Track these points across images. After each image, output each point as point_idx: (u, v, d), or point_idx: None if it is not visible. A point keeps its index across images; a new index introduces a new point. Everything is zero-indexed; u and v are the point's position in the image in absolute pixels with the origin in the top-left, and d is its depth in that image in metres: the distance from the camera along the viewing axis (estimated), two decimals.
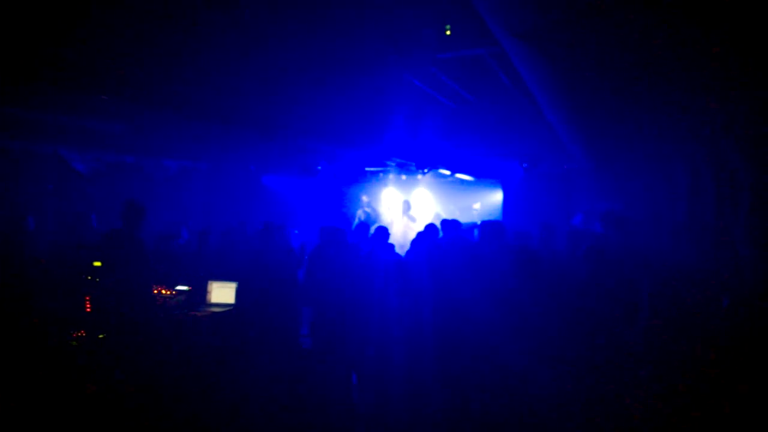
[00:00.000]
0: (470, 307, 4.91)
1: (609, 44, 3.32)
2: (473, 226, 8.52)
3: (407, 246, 6.72)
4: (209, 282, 5.97)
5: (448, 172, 11.79)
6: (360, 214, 12.20)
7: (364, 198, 13.18)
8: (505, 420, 4.68)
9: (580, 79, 4.15)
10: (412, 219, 10.93)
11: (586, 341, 4.44)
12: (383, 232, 6.17)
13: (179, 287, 5.81)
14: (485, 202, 14.26)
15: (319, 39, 4.96)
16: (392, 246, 6.16)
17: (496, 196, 13.04)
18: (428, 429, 4.91)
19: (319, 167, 11.46)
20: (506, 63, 5.03)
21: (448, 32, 4.72)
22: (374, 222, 10.48)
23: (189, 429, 4.63)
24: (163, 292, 5.68)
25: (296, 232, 10.15)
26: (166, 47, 4.83)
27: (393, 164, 11.17)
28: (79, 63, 4.63)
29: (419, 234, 6.63)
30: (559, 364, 4.46)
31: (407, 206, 11.27)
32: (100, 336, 4.89)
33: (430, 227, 6.54)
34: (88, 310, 5.09)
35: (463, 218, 10.49)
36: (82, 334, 4.93)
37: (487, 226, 6.06)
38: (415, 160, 9.73)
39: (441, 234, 6.68)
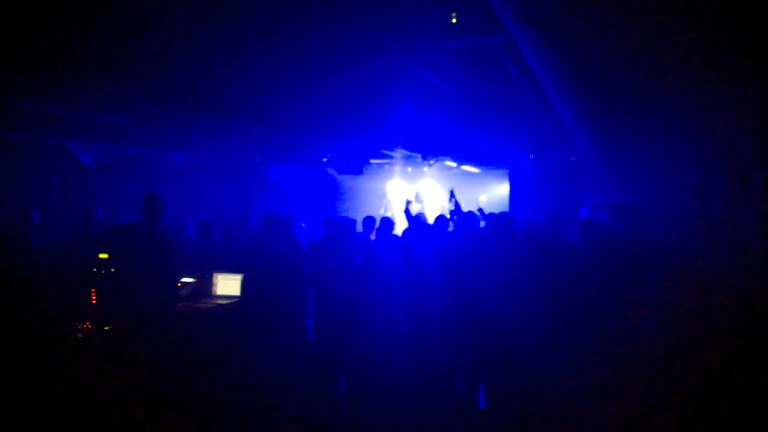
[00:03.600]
0: (477, 296, 4.89)
1: (620, 32, 3.27)
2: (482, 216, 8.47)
3: None
4: (214, 274, 5.96)
5: (454, 164, 11.73)
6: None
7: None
8: (512, 409, 4.67)
9: (588, 68, 4.09)
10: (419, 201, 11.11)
11: (594, 332, 4.41)
12: (388, 223, 6.15)
13: (185, 279, 5.80)
14: (491, 195, 14.22)
15: (323, 27, 4.91)
16: (397, 237, 6.13)
17: (503, 189, 12.99)
18: (433, 419, 4.90)
19: (325, 159, 11.43)
20: (513, 52, 4.97)
21: (454, 20, 4.66)
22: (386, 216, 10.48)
23: (195, 419, 4.63)
24: None
25: (303, 225, 10.12)
26: (171, 39, 4.80)
27: (399, 156, 11.12)
28: (85, 54, 4.61)
29: (428, 225, 6.61)
30: (567, 355, 4.43)
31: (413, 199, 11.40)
32: (106, 328, 4.89)
33: (438, 219, 6.50)
34: (94, 302, 5.09)
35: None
36: (87, 326, 4.93)
37: (494, 217, 6.03)
38: (421, 151, 9.68)
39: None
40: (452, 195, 7.46)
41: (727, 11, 2.82)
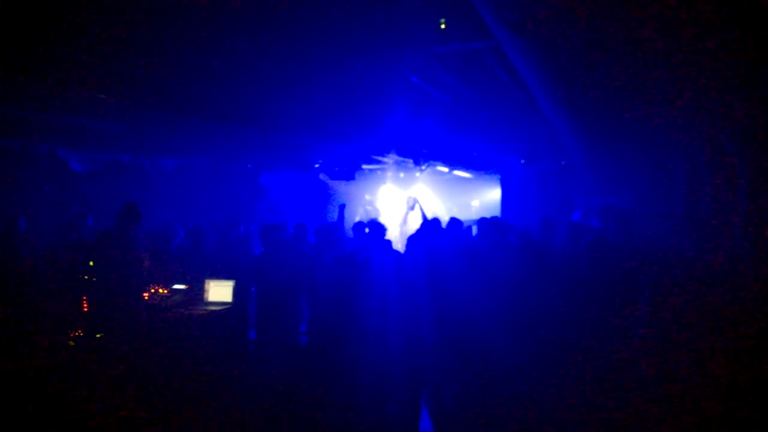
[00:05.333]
0: (469, 303, 4.89)
1: (604, 38, 3.30)
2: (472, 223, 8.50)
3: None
4: (206, 280, 5.94)
5: (446, 169, 11.77)
6: (361, 212, 12.23)
7: (367, 197, 13.19)
8: (505, 416, 4.67)
9: (575, 73, 4.12)
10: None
11: (586, 334, 4.42)
12: (379, 229, 6.14)
13: (176, 286, 5.78)
14: (483, 199, 14.26)
15: (315, 34, 4.93)
16: (389, 242, 6.13)
17: (495, 193, 13.03)
18: (428, 425, 4.90)
19: (317, 165, 11.43)
20: (502, 57, 5.00)
21: (442, 26, 4.69)
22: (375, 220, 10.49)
23: (187, 425, 4.61)
24: (160, 291, 5.65)
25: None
26: (162, 46, 4.80)
27: (391, 161, 11.14)
28: (76, 61, 4.61)
29: (416, 232, 6.61)
30: (559, 359, 4.44)
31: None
32: (98, 335, 4.87)
33: (427, 224, 6.50)
34: (86, 309, 5.07)
35: (462, 215, 10.47)
36: (79, 333, 4.91)
37: (485, 222, 6.05)
38: (413, 156, 9.70)
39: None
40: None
41: (713, 17, 2.85)
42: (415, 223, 7.08)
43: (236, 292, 5.85)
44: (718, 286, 4.42)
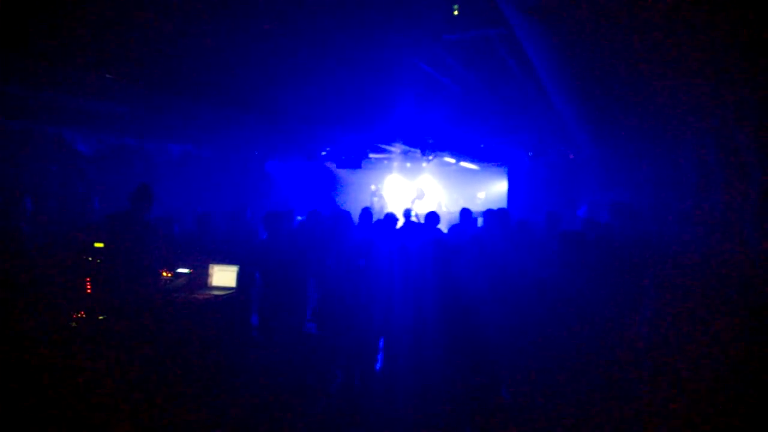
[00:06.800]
0: (475, 295, 4.87)
1: (622, 27, 3.24)
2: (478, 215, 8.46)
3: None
4: (210, 265, 5.93)
5: (453, 160, 11.73)
6: (369, 202, 12.27)
7: (372, 186, 13.20)
8: (510, 409, 4.66)
9: (589, 63, 4.07)
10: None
11: (592, 330, 4.39)
12: (390, 219, 6.13)
13: (180, 270, 5.77)
14: (490, 191, 14.22)
15: (321, 18, 4.87)
16: (399, 232, 6.12)
17: (501, 185, 12.99)
18: (433, 418, 4.89)
19: (324, 153, 11.41)
20: (514, 47, 4.94)
21: (455, 12, 4.61)
22: (382, 209, 10.52)
23: (188, 409, 4.61)
24: (164, 274, 5.64)
25: (300, 218, 10.12)
26: (170, 29, 4.75)
27: (398, 151, 11.10)
28: (84, 42, 4.57)
29: (422, 224, 6.59)
30: (563, 354, 4.42)
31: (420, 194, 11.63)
32: (101, 317, 4.86)
33: (430, 215, 6.47)
34: (89, 291, 5.06)
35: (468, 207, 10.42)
36: (82, 315, 4.91)
37: (492, 214, 6.02)
38: (420, 146, 9.65)
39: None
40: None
41: (728, 9, 2.80)
42: (421, 211, 7.05)
43: (240, 278, 5.84)
44: (726, 283, 4.38)
